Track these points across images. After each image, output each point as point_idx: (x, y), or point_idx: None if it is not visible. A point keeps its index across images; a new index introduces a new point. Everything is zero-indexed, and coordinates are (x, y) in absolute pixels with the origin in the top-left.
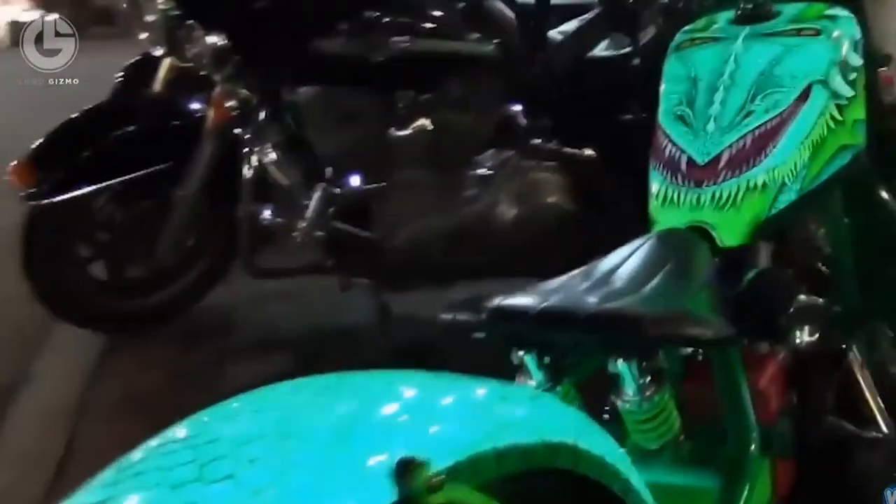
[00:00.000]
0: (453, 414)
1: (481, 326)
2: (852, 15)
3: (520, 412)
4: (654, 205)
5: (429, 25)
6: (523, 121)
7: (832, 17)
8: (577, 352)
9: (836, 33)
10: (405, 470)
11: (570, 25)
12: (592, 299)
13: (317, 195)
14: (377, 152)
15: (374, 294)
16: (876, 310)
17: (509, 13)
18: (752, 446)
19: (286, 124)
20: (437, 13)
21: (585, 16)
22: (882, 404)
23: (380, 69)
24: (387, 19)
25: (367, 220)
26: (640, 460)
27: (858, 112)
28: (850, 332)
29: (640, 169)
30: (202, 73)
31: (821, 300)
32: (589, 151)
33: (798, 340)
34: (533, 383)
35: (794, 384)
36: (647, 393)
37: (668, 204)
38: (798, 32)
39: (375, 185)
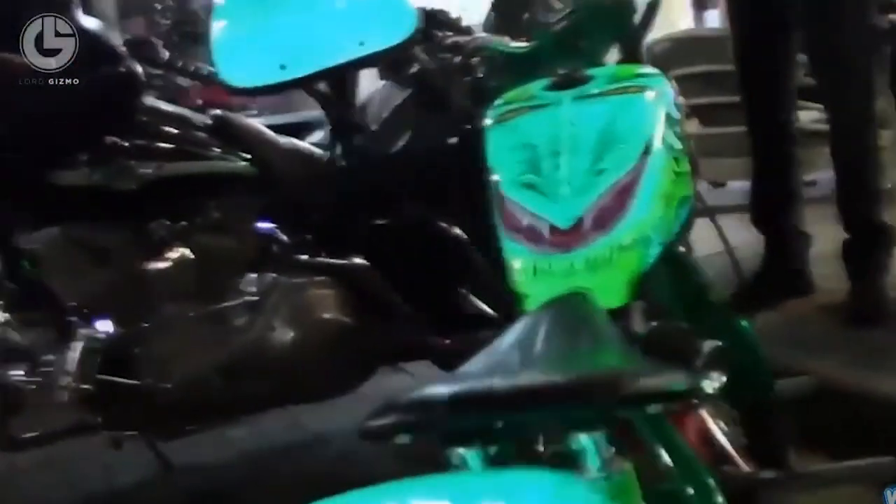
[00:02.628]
0: None
1: (416, 426)
2: (661, 73)
3: None
4: (521, 278)
5: (177, 146)
6: (285, 237)
7: (646, 76)
8: (522, 437)
9: (656, 89)
10: None
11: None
12: (536, 376)
13: (74, 347)
14: (134, 291)
15: (150, 446)
16: None
17: (261, 127)
18: (720, 499)
19: (24, 274)
20: (185, 132)
21: (392, 108)
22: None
23: (128, 199)
24: (131, 143)
25: (131, 366)
26: None
27: (686, 164)
28: None
29: (414, 268)
30: None
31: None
32: (358, 259)
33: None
34: None
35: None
36: (615, 465)
37: (539, 274)
38: (624, 91)
39: (136, 326)
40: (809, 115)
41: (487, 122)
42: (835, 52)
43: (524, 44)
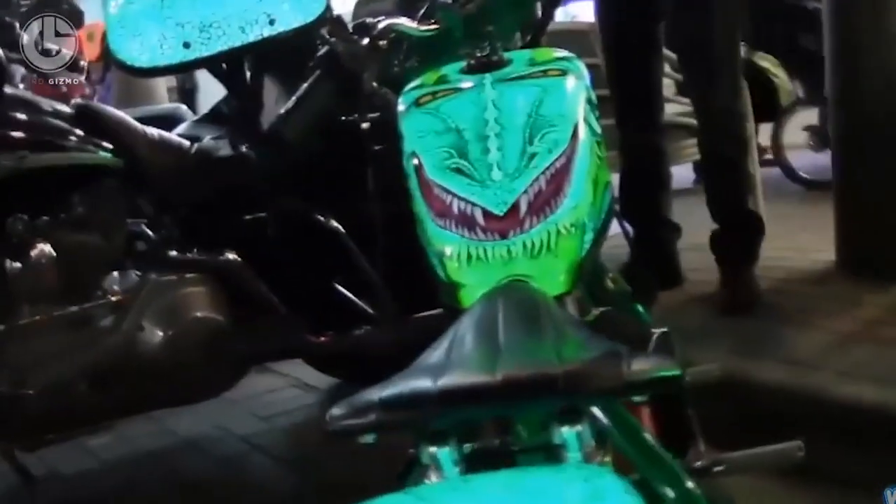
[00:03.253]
0: None
1: (403, 423)
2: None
3: None
4: (454, 266)
5: (38, 137)
6: (152, 233)
7: (566, 59)
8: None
9: (577, 73)
10: None
11: None
12: (507, 369)
13: None
14: None
15: (8, 457)
16: None
17: (127, 116)
18: (690, 484)
19: None
20: (47, 122)
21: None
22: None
23: None
24: None
25: None
26: None
27: (605, 150)
28: None
29: (288, 264)
30: None
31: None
32: (231, 255)
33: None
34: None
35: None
36: (597, 459)
37: (475, 262)
38: (545, 74)
39: None
40: (676, 108)
41: (401, 107)
42: (701, 46)
43: (432, 27)
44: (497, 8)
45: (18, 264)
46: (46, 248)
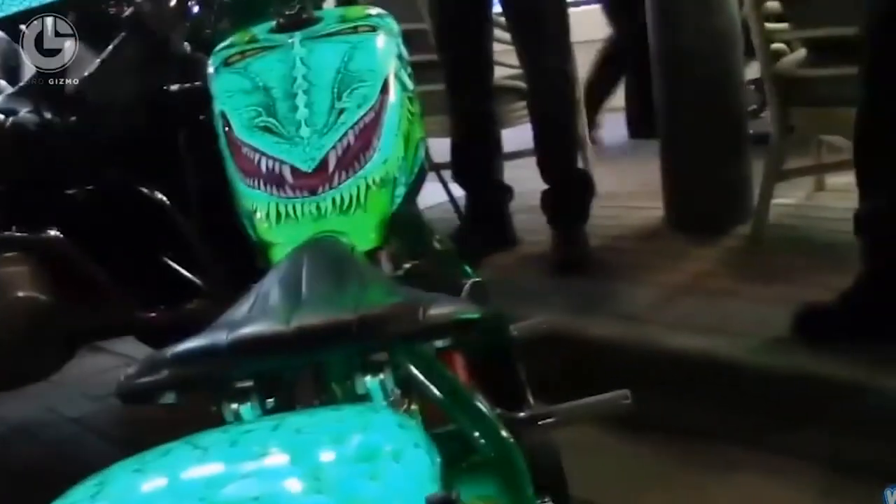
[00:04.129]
0: None
1: (194, 378)
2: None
3: None
4: (263, 226)
5: None
6: None
7: (378, 16)
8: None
9: (387, 29)
10: None
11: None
12: (322, 315)
13: None
14: None
15: None
16: None
17: None
18: (504, 433)
19: None
20: None
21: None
22: None
23: None
24: None
25: None
26: None
27: (418, 106)
28: None
29: (114, 238)
30: None
31: None
32: (54, 232)
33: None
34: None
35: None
36: (403, 407)
37: (285, 220)
38: (354, 30)
39: None
40: (505, 72)
41: (211, 68)
42: (530, 13)
43: None
44: None
45: None
46: None
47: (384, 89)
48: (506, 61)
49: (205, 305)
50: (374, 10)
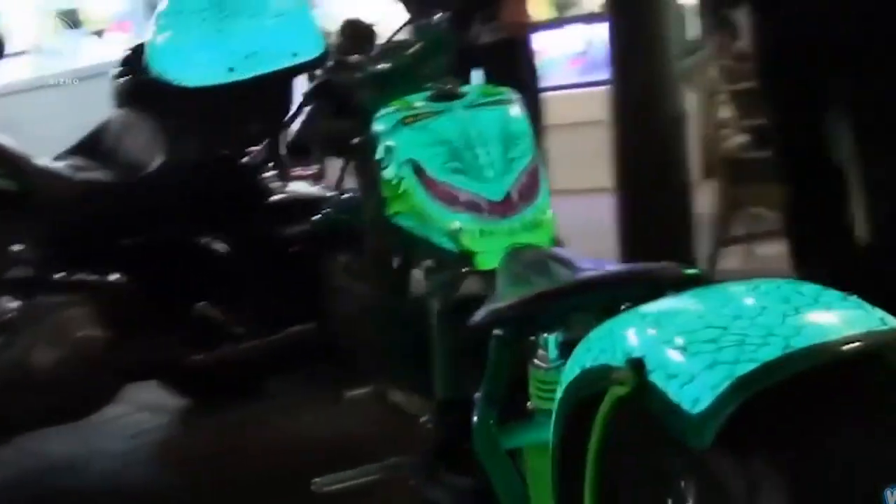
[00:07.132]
0: None
1: (511, 320)
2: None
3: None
4: (469, 238)
5: None
6: (38, 256)
7: (504, 93)
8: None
9: (518, 103)
10: None
11: None
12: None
13: None
14: None
15: None
16: None
17: (12, 142)
18: None
19: None
20: None
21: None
22: None
23: None
24: None
25: None
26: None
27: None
28: None
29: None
30: None
31: None
32: (115, 277)
33: None
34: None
35: None
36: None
37: (487, 234)
38: (498, 103)
39: None
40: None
41: (381, 126)
42: None
43: (388, 65)
44: (431, 52)
45: None
46: None
47: (535, 146)
48: None
49: (245, 349)
50: (502, 88)
